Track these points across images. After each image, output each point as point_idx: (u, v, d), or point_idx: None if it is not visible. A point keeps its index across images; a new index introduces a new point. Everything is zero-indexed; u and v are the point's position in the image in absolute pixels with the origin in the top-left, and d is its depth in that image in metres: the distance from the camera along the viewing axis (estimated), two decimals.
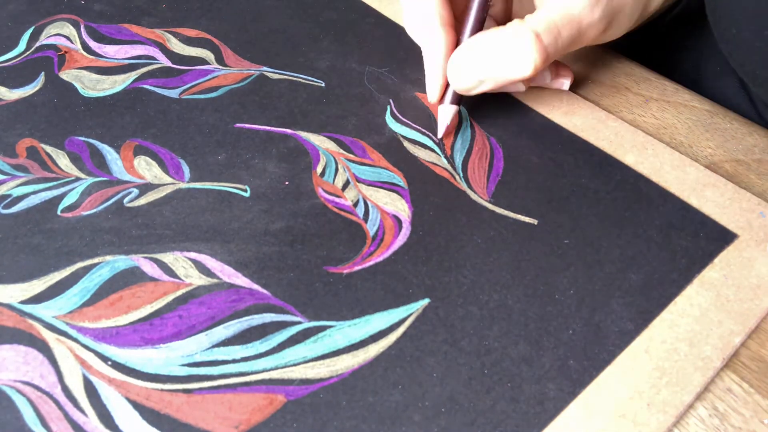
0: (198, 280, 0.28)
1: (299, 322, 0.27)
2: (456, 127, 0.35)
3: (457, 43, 0.33)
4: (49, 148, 0.34)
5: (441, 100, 0.33)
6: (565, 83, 0.35)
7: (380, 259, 0.29)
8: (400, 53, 0.39)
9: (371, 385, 0.25)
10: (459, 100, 0.33)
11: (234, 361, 0.25)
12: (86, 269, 0.29)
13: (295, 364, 0.25)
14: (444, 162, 0.33)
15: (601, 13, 0.31)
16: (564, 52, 0.31)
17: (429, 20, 0.32)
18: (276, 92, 0.37)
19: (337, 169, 0.33)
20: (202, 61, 0.39)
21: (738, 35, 0.30)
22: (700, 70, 0.43)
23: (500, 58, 0.30)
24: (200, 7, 0.43)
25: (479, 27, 0.32)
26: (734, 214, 0.30)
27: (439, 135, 0.34)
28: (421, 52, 0.34)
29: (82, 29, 0.42)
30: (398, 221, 0.30)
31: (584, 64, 0.38)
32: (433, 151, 0.33)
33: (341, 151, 0.33)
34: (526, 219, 0.30)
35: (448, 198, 0.31)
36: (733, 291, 0.27)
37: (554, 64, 0.35)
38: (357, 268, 0.28)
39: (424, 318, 0.27)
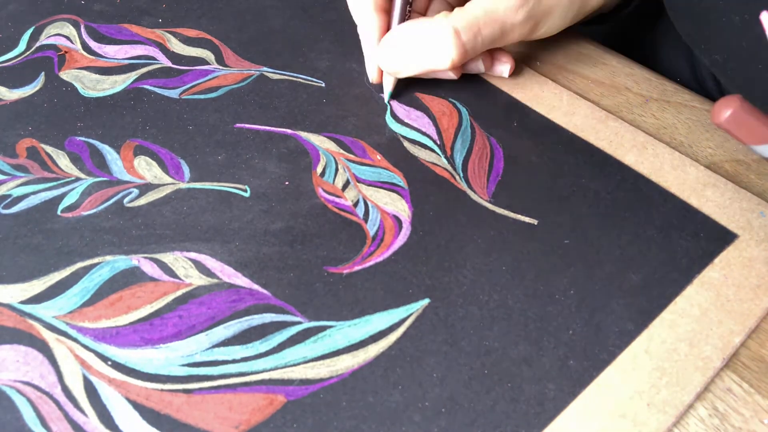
0: (198, 280, 0.28)
1: (299, 322, 0.27)
2: (456, 127, 0.35)
3: (388, 27, 0.35)
4: (49, 148, 0.34)
5: (380, 77, 0.36)
6: (504, 70, 0.36)
7: (380, 259, 0.29)
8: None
9: (371, 385, 0.25)
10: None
11: (234, 361, 0.25)
12: (86, 269, 0.29)
13: (295, 364, 0.25)
14: (444, 162, 0.33)
15: (526, 15, 0.32)
16: (485, 49, 0.33)
17: (364, 3, 0.34)
18: (276, 92, 0.37)
19: (337, 169, 0.33)
20: (202, 61, 0.39)
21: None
22: (656, 45, 0.46)
23: (421, 48, 0.32)
24: (200, 7, 0.43)
25: (405, 13, 0.34)
26: (734, 214, 0.30)
27: (386, 99, 0.36)
28: None
29: (82, 29, 0.42)
30: (398, 221, 0.30)
31: (584, 64, 0.38)
32: (433, 151, 0.33)
33: (341, 151, 0.33)
34: (526, 219, 0.30)
35: (448, 198, 0.31)
36: (733, 291, 0.27)
37: (490, 52, 0.36)
38: (357, 268, 0.28)
39: (424, 318, 0.27)
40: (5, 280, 0.28)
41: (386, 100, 0.36)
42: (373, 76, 0.36)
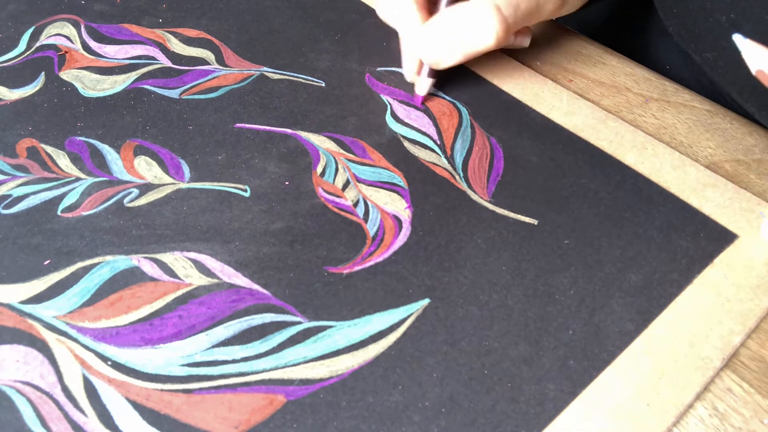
0: (198, 280, 0.28)
1: (299, 322, 0.27)
2: (456, 127, 0.35)
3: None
4: (49, 148, 0.34)
5: (418, 74, 0.36)
6: (526, 40, 0.38)
7: (380, 259, 0.29)
8: (401, 53, 0.39)
9: (371, 386, 0.25)
10: (435, 74, 0.35)
11: (234, 361, 0.25)
12: (86, 269, 0.29)
13: (295, 364, 0.25)
14: (444, 162, 0.33)
15: None
16: (523, 24, 0.33)
17: (406, 4, 0.34)
18: (276, 92, 0.37)
19: (337, 169, 0.33)
20: (203, 62, 0.39)
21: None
22: (648, 42, 0.46)
23: (464, 30, 0.32)
24: (200, 7, 0.43)
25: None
26: (734, 214, 0.30)
27: (417, 104, 0.36)
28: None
29: (83, 29, 0.42)
30: (398, 221, 0.30)
31: (584, 64, 0.38)
32: (433, 151, 0.33)
33: (341, 151, 0.33)
34: (526, 219, 0.30)
35: (448, 198, 0.31)
36: (733, 291, 0.27)
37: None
38: (357, 268, 0.28)
39: (424, 318, 0.27)
40: (5, 280, 0.28)
41: (417, 104, 0.36)
42: (411, 75, 0.36)
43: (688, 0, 0.31)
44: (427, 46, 0.33)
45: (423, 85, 0.35)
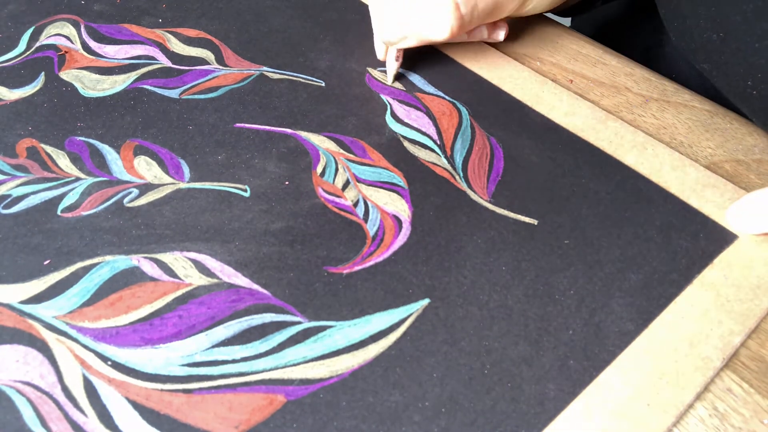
0: (198, 280, 0.28)
1: (299, 322, 0.27)
2: (456, 127, 0.35)
3: None
4: (49, 148, 0.34)
5: (386, 54, 0.37)
6: (501, 34, 0.39)
7: (380, 259, 0.29)
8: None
9: (371, 385, 0.25)
10: (400, 56, 0.37)
11: (234, 361, 0.25)
12: (86, 269, 0.29)
13: (295, 364, 0.25)
14: (444, 162, 0.33)
15: None
16: (479, 22, 0.35)
17: None
18: (276, 92, 0.37)
19: (337, 169, 0.33)
20: (202, 61, 0.39)
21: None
22: (653, 47, 0.47)
23: (421, 19, 0.33)
24: (200, 7, 0.43)
25: None
26: None
27: (389, 81, 0.37)
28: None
29: (82, 29, 0.42)
30: (398, 221, 0.30)
31: (584, 64, 0.38)
32: (433, 151, 0.33)
33: (341, 151, 0.33)
34: (526, 219, 0.30)
35: (448, 198, 0.31)
36: (733, 291, 0.27)
37: (491, 25, 0.38)
38: (357, 268, 0.28)
39: (424, 318, 0.27)
40: (5, 280, 0.28)
41: (389, 81, 0.37)
42: (380, 53, 0.38)
43: (686, 16, 0.32)
44: (384, 26, 0.35)
45: (391, 62, 0.37)
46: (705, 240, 0.29)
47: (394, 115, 0.35)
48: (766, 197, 0.28)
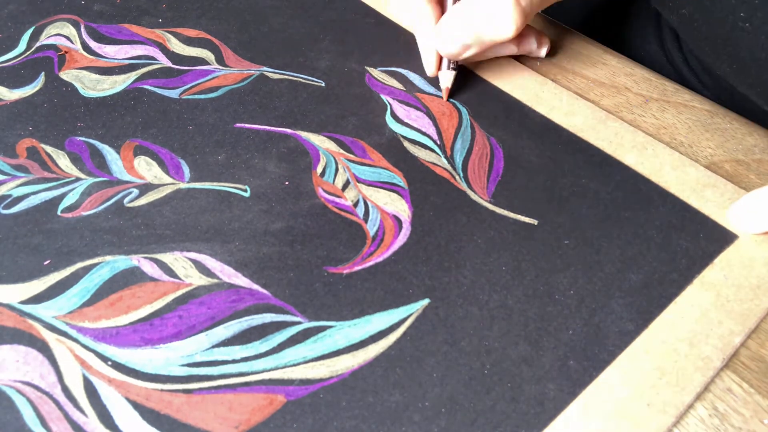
0: (198, 280, 0.28)
1: (299, 323, 0.27)
2: (456, 127, 0.35)
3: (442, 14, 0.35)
4: (49, 148, 0.34)
5: (439, 69, 0.36)
6: (543, 50, 0.38)
7: (380, 259, 0.29)
8: (401, 53, 0.39)
9: (371, 385, 0.25)
10: (456, 65, 0.35)
11: (234, 361, 0.25)
12: (86, 269, 0.29)
13: (295, 364, 0.25)
14: (444, 162, 0.33)
15: None
16: (538, 9, 0.33)
17: (420, 1, 0.34)
18: (276, 92, 0.37)
19: (337, 169, 0.33)
20: (202, 62, 0.39)
21: None
22: (626, 31, 0.48)
23: (482, 21, 0.32)
24: (200, 7, 0.43)
25: None
26: None
27: (444, 98, 0.36)
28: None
29: (82, 29, 0.42)
30: (398, 221, 0.30)
31: (584, 64, 0.38)
32: (433, 151, 0.33)
33: (341, 151, 0.33)
34: (526, 219, 0.30)
35: (448, 198, 0.31)
36: (733, 291, 0.27)
37: (537, 34, 0.38)
38: (357, 268, 0.28)
39: (424, 318, 0.27)
40: (5, 280, 0.28)
41: (445, 98, 0.36)
42: (431, 70, 0.36)
43: None
44: (446, 39, 0.33)
45: (446, 77, 0.36)
46: (705, 240, 0.29)
47: (394, 115, 0.35)
48: (767, 197, 0.28)
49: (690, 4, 0.32)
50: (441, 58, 0.36)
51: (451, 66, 0.35)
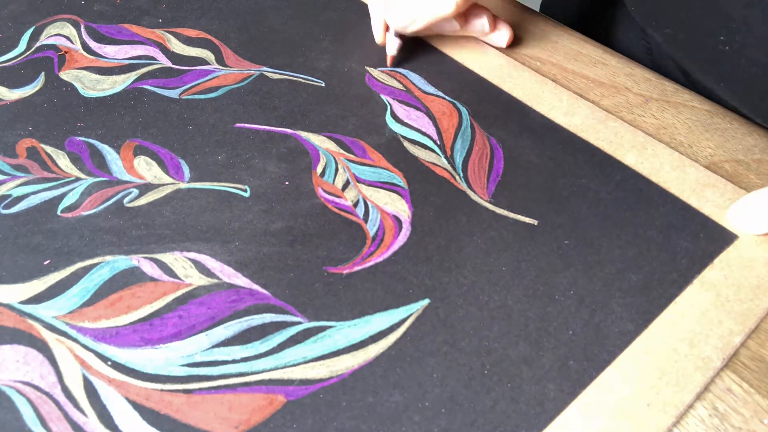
0: (198, 280, 0.28)
1: (299, 323, 0.27)
2: (456, 127, 0.35)
3: None
4: (49, 148, 0.34)
5: (385, 38, 0.38)
6: (503, 38, 0.38)
7: (380, 259, 0.29)
8: (400, 53, 0.39)
9: (371, 386, 0.25)
10: (401, 35, 0.37)
11: (234, 361, 0.25)
12: (86, 269, 0.29)
13: (295, 365, 0.25)
14: (444, 162, 0.33)
15: None
16: None
17: None
18: (276, 92, 0.37)
19: (337, 169, 0.33)
20: (202, 62, 0.39)
21: None
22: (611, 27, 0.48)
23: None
24: (200, 7, 0.43)
25: None
26: None
27: (388, 64, 0.38)
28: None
29: (82, 29, 0.42)
30: (398, 221, 0.30)
31: (584, 64, 0.38)
32: (432, 151, 0.33)
33: (341, 151, 0.33)
34: (526, 219, 0.30)
35: (448, 198, 0.31)
36: (733, 291, 0.27)
37: (493, 18, 0.38)
38: (357, 268, 0.28)
39: (424, 318, 0.27)
40: (5, 280, 0.28)
41: (388, 64, 0.38)
42: (379, 38, 0.38)
43: None
44: (394, 12, 0.35)
45: (392, 45, 0.37)
46: (705, 240, 0.29)
47: (394, 115, 0.35)
48: (767, 197, 0.28)
49: (673, 24, 0.33)
50: (388, 28, 0.37)
51: (396, 33, 0.37)
